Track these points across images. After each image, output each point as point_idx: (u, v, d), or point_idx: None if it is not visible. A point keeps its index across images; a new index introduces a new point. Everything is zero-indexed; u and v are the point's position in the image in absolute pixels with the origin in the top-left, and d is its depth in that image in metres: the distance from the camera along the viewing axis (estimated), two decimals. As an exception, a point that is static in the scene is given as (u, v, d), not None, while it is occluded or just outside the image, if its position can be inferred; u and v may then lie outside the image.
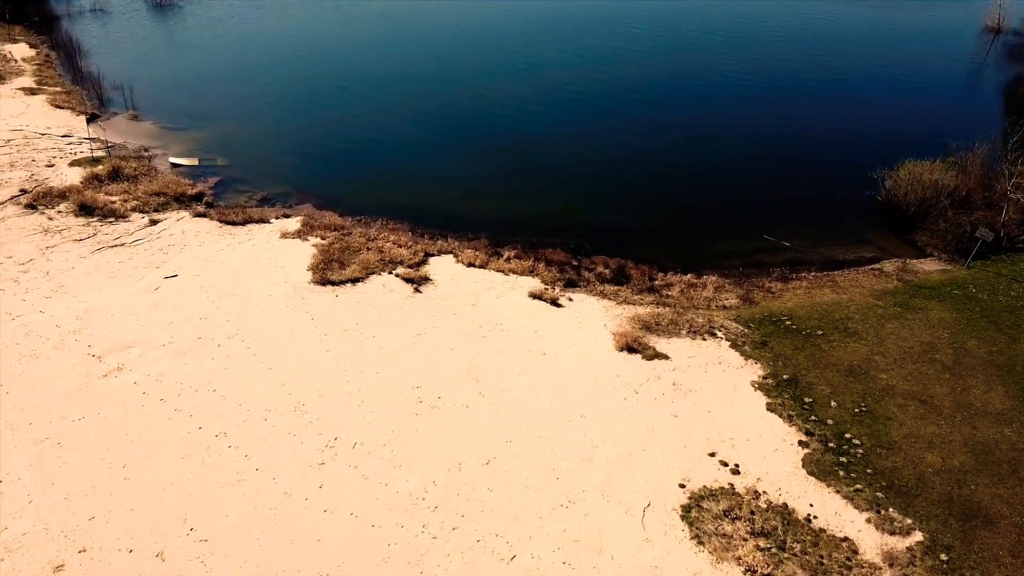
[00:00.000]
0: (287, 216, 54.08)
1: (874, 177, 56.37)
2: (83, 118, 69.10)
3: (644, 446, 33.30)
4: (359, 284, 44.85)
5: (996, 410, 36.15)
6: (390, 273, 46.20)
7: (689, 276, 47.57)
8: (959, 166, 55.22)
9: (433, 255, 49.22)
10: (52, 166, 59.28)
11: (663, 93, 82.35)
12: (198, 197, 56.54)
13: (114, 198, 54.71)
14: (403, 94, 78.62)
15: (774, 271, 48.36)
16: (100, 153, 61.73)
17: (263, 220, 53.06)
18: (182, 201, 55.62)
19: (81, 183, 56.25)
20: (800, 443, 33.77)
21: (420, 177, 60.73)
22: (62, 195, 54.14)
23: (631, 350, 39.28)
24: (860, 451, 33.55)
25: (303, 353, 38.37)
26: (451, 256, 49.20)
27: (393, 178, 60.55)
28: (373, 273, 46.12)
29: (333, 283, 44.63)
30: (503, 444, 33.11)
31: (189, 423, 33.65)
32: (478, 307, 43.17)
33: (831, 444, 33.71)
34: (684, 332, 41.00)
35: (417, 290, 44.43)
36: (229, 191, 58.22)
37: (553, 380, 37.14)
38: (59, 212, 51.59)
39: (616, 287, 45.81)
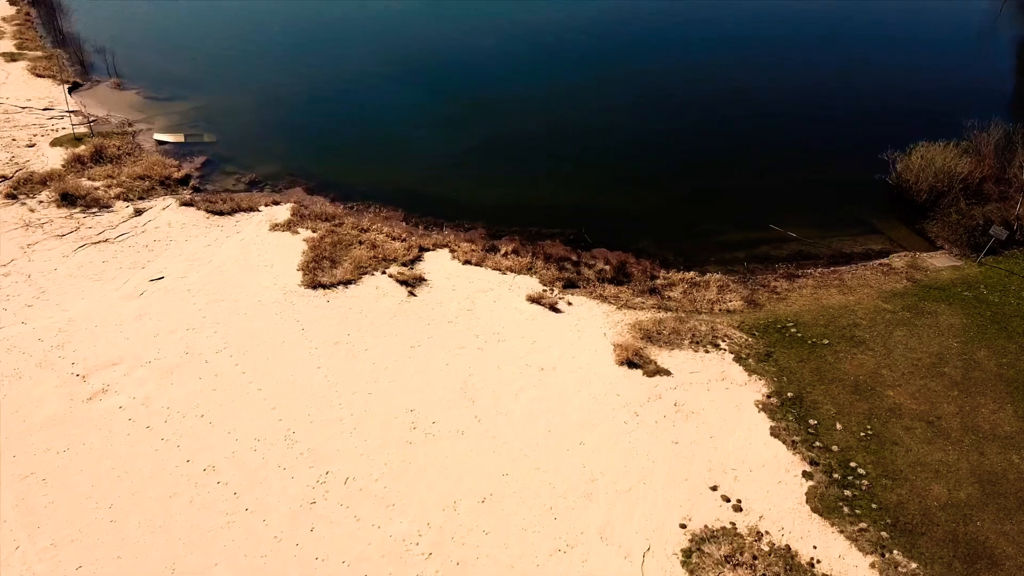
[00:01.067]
0: (276, 203, 51.83)
1: (884, 158, 53.62)
2: (65, 87, 65.89)
3: (644, 479, 32.11)
4: (351, 287, 43.03)
5: (1005, 433, 34.88)
6: (383, 273, 44.31)
7: (692, 274, 45.72)
8: (974, 149, 52.48)
9: (428, 249, 47.29)
10: (33, 146, 56.66)
11: (665, 63, 78.34)
12: (184, 180, 54.22)
13: (97, 183, 52.34)
14: (398, 60, 74.85)
15: (780, 267, 46.47)
16: (82, 129, 58.98)
17: (252, 208, 50.86)
18: (167, 185, 53.30)
19: (63, 167, 53.79)
20: (804, 474, 32.57)
21: (415, 156, 58.29)
22: (43, 181, 51.81)
23: (632, 364, 37.79)
24: (865, 482, 32.39)
25: (293, 371, 36.83)
26: (447, 250, 47.31)
27: (387, 156, 58.16)
28: (366, 273, 44.26)
29: (324, 286, 42.81)
30: (500, 478, 31.91)
31: (176, 455, 32.34)
32: (474, 313, 41.46)
33: (835, 475, 32.54)
34: (687, 343, 39.38)
35: (411, 293, 42.60)
36: (216, 172, 55.75)
37: (551, 401, 35.73)
38: (40, 203, 49.39)
39: (617, 287, 43.99)
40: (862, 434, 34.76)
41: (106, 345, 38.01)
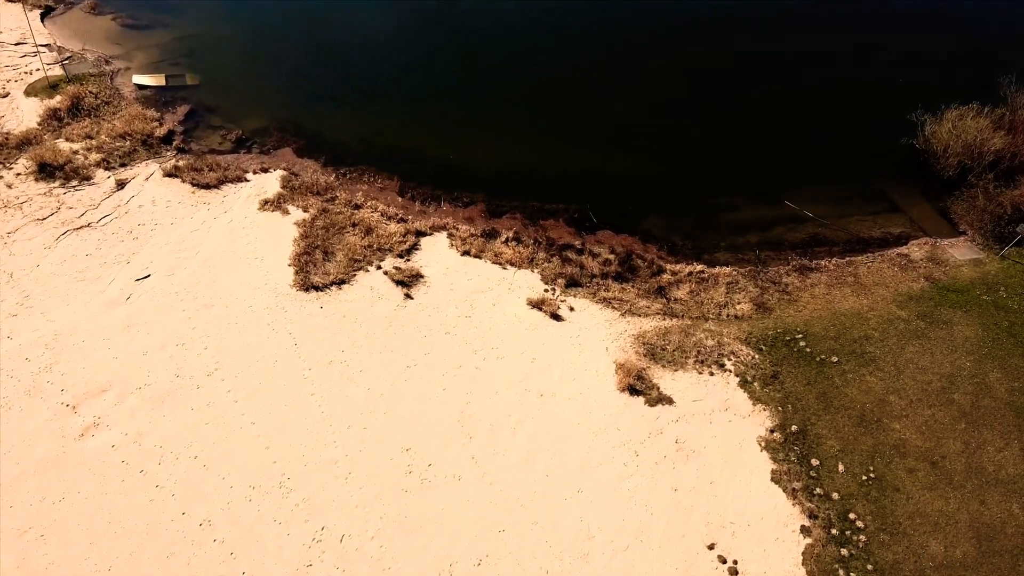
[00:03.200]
0: (265, 170, 48.30)
1: (913, 119, 48.95)
2: (37, 13, 59.99)
3: (642, 534, 31.37)
4: (345, 287, 40.65)
5: (1008, 476, 33.76)
6: (378, 268, 41.70)
7: (700, 266, 43.11)
8: (1010, 112, 47.66)
9: (425, 234, 44.41)
10: (7, 95, 52.48)
11: (679, 10, 69.18)
12: (167, 139, 50.44)
13: (76, 145, 48.71)
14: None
15: (792, 258, 43.75)
16: (57, 71, 54.07)
17: (240, 178, 47.47)
18: (149, 145, 49.64)
19: (39, 125, 49.95)
20: (803, 528, 31.77)
21: (412, 109, 53.59)
22: (20, 145, 48.30)
23: (633, 391, 36.09)
24: (863, 537, 31.64)
25: (287, 399, 35.38)
26: (444, 234, 44.28)
27: (382, 108, 53.76)
28: (360, 268, 41.72)
29: (317, 288, 40.41)
30: (496, 535, 31.20)
31: (172, 506, 31.56)
32: (472, 320, 39.33)
33: (834, 530, 31.74)
34: (691, 362, 37.53)
35: (408, 296, 40.36)
36: (201, 126, 51.69)
37: (550, 437, 34.45)
38: (18, 175, 46.09)
39: (621, 286, 41.63)
40: (864, 478, 33.54)
41: (94, 366, 36.24)
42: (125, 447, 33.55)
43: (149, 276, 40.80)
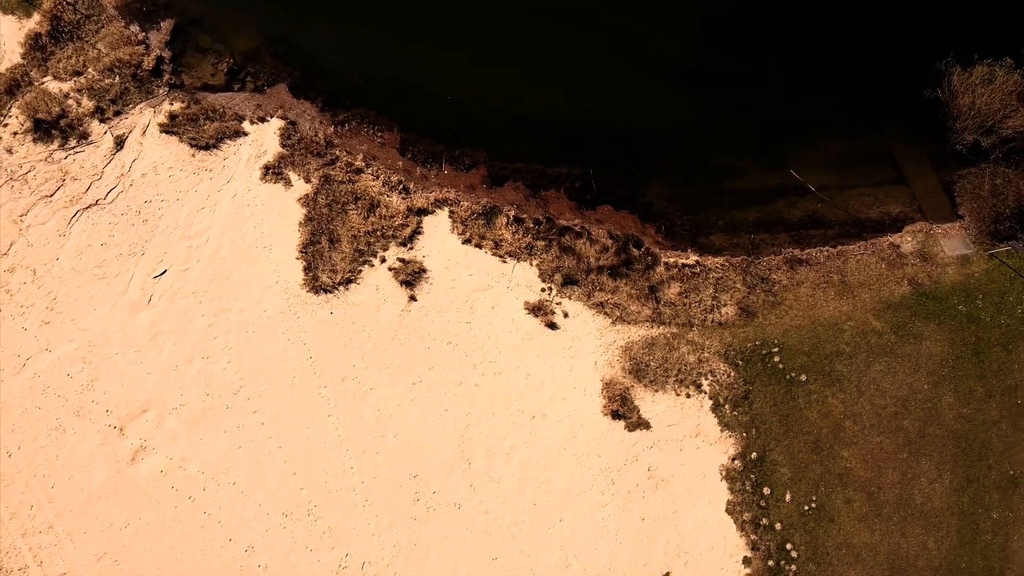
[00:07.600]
0: (263, 119, 39.05)
1: (940, 68, 37.16)
2: None
3: (611, 563, 31.43)
4: (352, 287, 35.08)
5: (932, 509, 32.13)
6: (383, 260, 35.51)
7: (694, 258, 36.56)
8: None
9: (427, 212, 36.91)
10: (-25, 9, 39.73)
11: None
12: (157, 71, 39.81)
13: (65, 86, 39.20)
14: None
15: (785, 247, 36.58)
16: (23, -31, 40.45)
17: (238, 132, 38.93)
18: (140, 80, 39.83)
19: (23, 57, 39.12)
20: (744, 560, 31.22)
21: (411, 26, 41.02)
22: (9, 89, 38.58)
23: (616, 415, 32.68)
24: (793, 568, 31.70)
25: (307, 421, 33.04)
26: (446, 213, 36.88)
27: (379, 25, 40.91)
28: (365, 261, 35.45)
29: (326, 289, 34.58)
30: (490, 563, 31.30)
31: (220, 534, 31.14)
32: (472, 326, 34.72)
33: (771, 562, 31.34)
34: (671, 381, 33.74)
35: (412, 297, 34.82)
36: (189, 50, 40.93)
37: (539, 464, 32.72)
38: (15, 134, 37.37)
39: (615, 283, 35.88)
40: (806, 507, 31.75)
41: (131, 383, 32.91)
42: (172, 472, 31.40)
43: (165, 272, 34.40)
